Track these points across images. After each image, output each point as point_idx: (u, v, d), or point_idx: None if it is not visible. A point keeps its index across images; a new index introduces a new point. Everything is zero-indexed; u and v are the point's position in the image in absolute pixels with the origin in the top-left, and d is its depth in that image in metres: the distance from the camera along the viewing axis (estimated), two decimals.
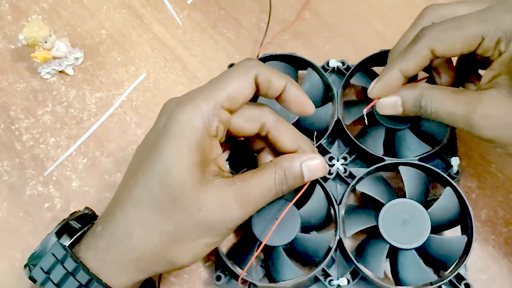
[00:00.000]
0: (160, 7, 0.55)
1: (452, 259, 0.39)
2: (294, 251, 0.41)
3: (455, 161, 0.43)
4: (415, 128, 0.44)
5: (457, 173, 0.43)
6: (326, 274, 0.41)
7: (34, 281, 0.33)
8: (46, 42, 0.49)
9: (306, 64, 0.46)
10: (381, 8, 0.54)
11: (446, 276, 0.39)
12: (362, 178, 0.42)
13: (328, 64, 0.48)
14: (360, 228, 0.40)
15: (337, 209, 0.41)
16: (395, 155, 0.43)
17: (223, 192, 0.33)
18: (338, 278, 0.40)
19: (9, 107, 0.50)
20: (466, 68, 0.41)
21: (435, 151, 0.43)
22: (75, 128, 0.49)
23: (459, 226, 0.42)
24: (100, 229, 0.33)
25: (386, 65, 0.38)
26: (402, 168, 0.41)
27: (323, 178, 0.43)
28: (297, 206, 0.41)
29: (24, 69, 0.52)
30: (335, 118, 0.44)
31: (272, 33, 0.52)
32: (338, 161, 0.44)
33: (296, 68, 0.48)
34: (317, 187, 0.42)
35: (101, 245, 0.33)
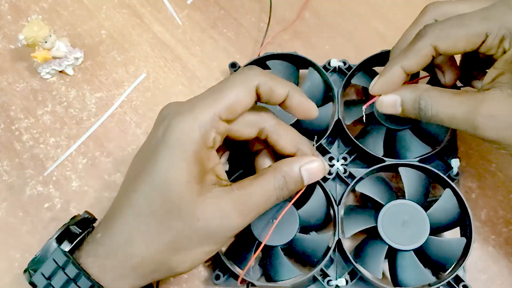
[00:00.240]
0: (160, 7, 0.55)
1: (451, 261, 0.39)
2: (293, 251, 0.41)
3: (455, 163, 0.43)
4: (416, 129, 0.44)
5: (457, 175, 0.43)
6: (325, 274, 0.41)
7: (35, 287, 0.33)
8: (46, 42, 0.49)
9: (307, 64, 0.46)
10: (381, 8, 0.53)
11: (445, 278, 0.39)
12: (362, 179, 0.42)
13: (330, 64, 0.48)
14: (359, 229, 0.40)
15: (337, 210, 0.41)
16: (395, 156, 0.43)
17: (222, 201, 0.33)
18: (337, 279, 0.40)
19: (9, 107, 0.50)
20: (471, 66, 0.41)
21: (436, 152, 0.43)
22: (75, 128, 0.49)
23: (458, 228, 0.41)
24: (100, 236, 0.33)
25: (388, 62, 0.38)
26: (402, 170, 0.41)
27: (323, 178, 0.43)
28: (296, 206, 0.41)
29: (24, 69, 0.52)
30: (335, 118, 0.44)
31: (272, 33, 0.52)
32: (338, 161, 0.44)
33: (297, 67, 0.47)
34: (317, 188, 0.42)
35: (101, 252, 0.33)
